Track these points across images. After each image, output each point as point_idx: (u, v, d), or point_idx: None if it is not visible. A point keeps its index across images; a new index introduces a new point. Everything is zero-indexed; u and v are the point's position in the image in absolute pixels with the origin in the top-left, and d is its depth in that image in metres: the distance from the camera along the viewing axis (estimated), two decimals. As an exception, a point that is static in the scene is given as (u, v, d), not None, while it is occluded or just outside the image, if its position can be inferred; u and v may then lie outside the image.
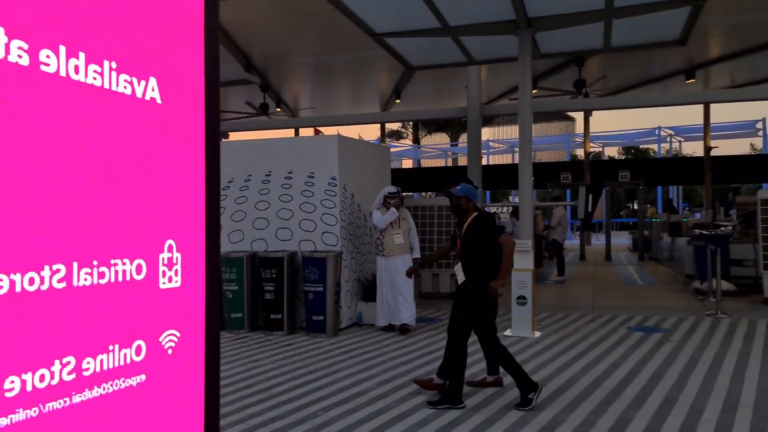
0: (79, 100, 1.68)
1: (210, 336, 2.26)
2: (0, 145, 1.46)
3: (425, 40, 8.56)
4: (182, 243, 2.10)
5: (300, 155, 8.57)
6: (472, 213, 5.16)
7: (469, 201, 5.14)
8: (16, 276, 1.50)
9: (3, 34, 1.46)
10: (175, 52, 2.04)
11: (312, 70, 16.55)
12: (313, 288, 8.01)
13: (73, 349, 1.67)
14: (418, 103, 19.20)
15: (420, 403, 5.10)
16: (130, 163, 1.86)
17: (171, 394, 2.05)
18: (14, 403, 1.49)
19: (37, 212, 1.56)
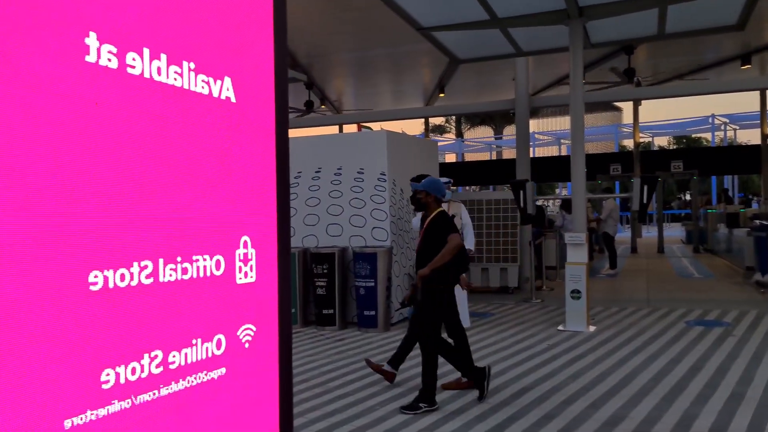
0: (161, 100, 1.72)
1: (283, 330, 2.29)
2: (93, 147, 1.51)
3: (472, 32, 8.49)
4: (256, 239, 2.14)
5: (349, 151, 8.62)
6: (434, 208, 5.01)
7: (428, 195, 4.99)
8: (109, 272, 1.55)
9: (95, 39, 1.50)
10: (247, 51, 2.07)
11: (355, 66, 16.60)
12: (364, 283, 8.06)
13: (160, 343, 1.72)
14: (462, 97, 19.05)
15: (475, 398, 5.07)
16: (210, 162, 1.90)
17: (249, 386, 2.09)
18: (110, 395, 1.55)
19: (126, 211, 1.61)
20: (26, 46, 1.36)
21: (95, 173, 1.52)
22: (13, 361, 1.33)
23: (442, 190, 5.06)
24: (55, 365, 1.41)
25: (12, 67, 1.33)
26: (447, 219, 4.97)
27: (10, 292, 1.33)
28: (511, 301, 10.03)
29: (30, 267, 1.36)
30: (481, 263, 10.85)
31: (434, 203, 5.01)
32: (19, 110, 1.34)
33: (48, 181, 1.41)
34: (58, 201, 1.43)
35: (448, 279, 4.98)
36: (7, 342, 1.31)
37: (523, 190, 8.32)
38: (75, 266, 1.46)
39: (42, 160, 1.39)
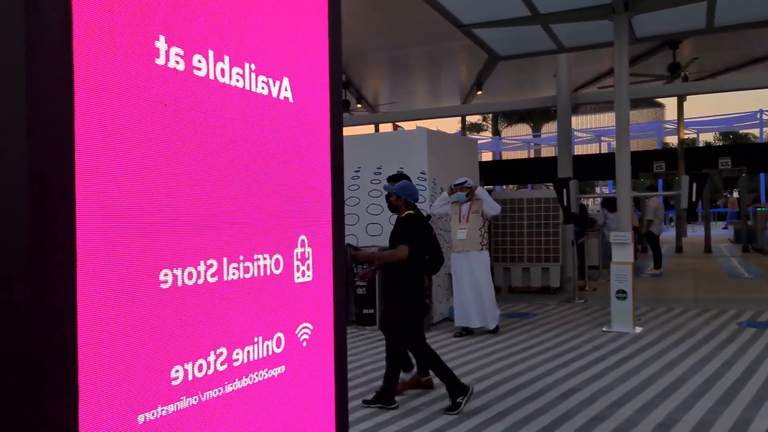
0: (225, 101, 1.75)
1: (338, 329, 2.30)
2: (162, 148, 1.54)
3: (513, 29, 8.40)
4: (312, 238, 2.15)
5: (389, 150, 8.62)
6: (404, 210, 5.08)
7: (399, 198, 5.10)
8: (178, 271, 1.58)
9: (164, 41, 1.53)
10: (304, 51, 2.09)
11: (391, 65, 16.60)
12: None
13: (224, 340, 1.74)
14: (500, 95, 18.89)
15: (522, 399, 5.02)
16: (270, 162, 1.92)
17: (307, 384, 2.11)
18: (179, 391, 1.57)
19: (193, 210, 1.64)
20: (103, 50, 1.39)
21: (164, 174, 1.55)
22: (92, 358, 1.36)
23: (414, 194, 5.17)
24: (129, 362, 1.44)
25: (91, 71, 1.37)
26: (410, 225, 4.98)
27: (89, 292, 1.36)
28: (553, 301, 9.90)
29: (106, 266, 1.39)
30: (522, 263, 10.73)
31: (404, 206, 5.12)
32: (96, 113, 1.38)
33: (121, 182, 1.44)
34: (130, 202, 1.46)
35: (407, 290, 4.96)
36: (86, 340, 1.35)
37: (566, 189, 8.19)
38: (147, 265, 1.49)
39: (114, 162, 1.43)
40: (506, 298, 10.32)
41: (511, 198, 11.00)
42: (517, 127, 39.82)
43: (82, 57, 1.35)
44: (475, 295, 7.53)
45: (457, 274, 7.63)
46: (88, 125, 1.36)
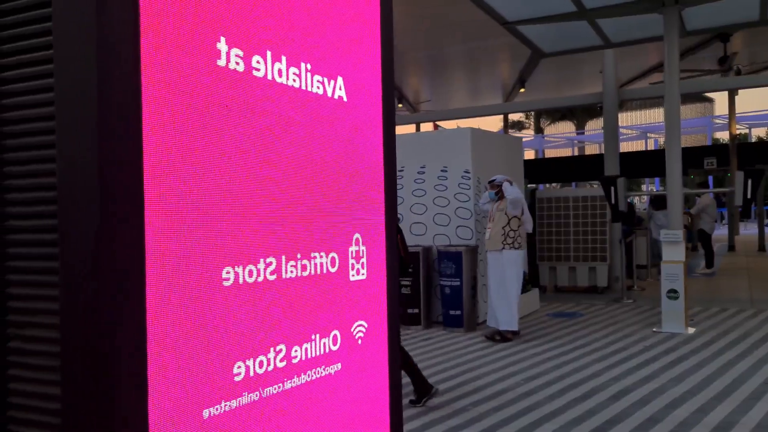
0: (282, 101, 1.77)
1: (392, 327, 2.30)
2: (224, 149, 1.56)
3: (558, 25, 8.27)
4: (366, 236, 2.16)
5: (432, 150, 8.60)
6: None
7: None
8: (239, 269, 1.61)
9: (224, 43, 1.56)
10: (356, 50, 2.10)
11: (431, 64, 16.53)
12: (449, 282, 8.02)
13: (283, 338, 1.76)
14: (543, 92, 18.62)
15: (573, 399, 4.94)
16: (326, 161, 1.93)
17: (362, 382, 2.12)
18: (241, 387, 1.60)
19: (252, 209, 1.66)
20: (168, 53, 1.42)
21: (225, 174, 1.57)
22: (160, 355, 1.40)
23: None
24: (194, 358, 1.47)
25: (157, 74, 1.40)
26: None
27: (156, 290, 1.39)
28: (601, 301, 9.71)
29: (172, 265, 1.42)
30: (568, 262, 10.57)
31: None
32: (162, 115, 1.41)
33: (185, 183, 1.47)
34: (194, 202, 1.49)
35: None
36: (154, 338, 1.38)
37: (614, 187, 8.03)
38: (210, 263, 1.52)
39: (179, 163, 1.46)
40: (552, 297, 10.18)
41: (556, 197, 10.85)
42: (559, 124, 39.19)
43: (148, 59, 1.38)
44: (493, 295, 7.39)
45: (487, 274, 7.59)
46: (154, 128, 1.40)
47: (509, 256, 7.25)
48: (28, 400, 1.49)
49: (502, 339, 7.16)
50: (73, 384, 1.38)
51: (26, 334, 1.49)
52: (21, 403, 1.50)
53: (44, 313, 1.45)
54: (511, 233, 7.25)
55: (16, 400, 1.51)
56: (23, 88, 1.47)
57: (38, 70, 1.44)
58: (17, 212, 1.50)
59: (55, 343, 1.43)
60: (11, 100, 1.49)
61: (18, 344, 1.51)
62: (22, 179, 1.49)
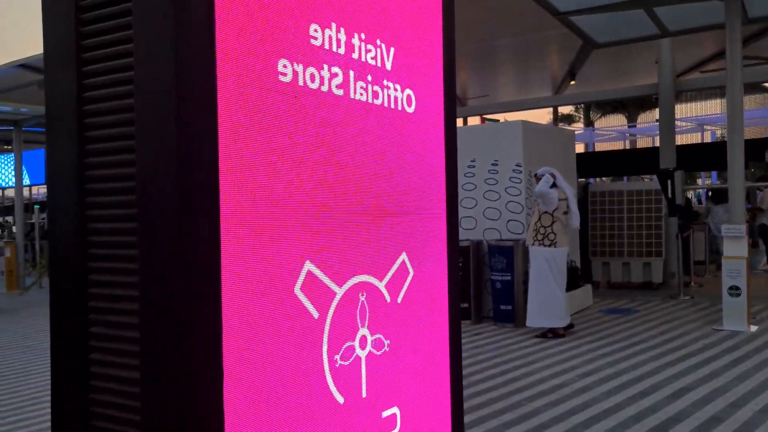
0: (354, 114, 1.81)
1: (453, 322, 2.30)
2: (295, 156, 1.59)
3: (612, 14, 8.07)
4: (429, 235, 2.16)
5: (483, 143, 8.52)
6: None
7: None
8: (310, 266, 1.63)
9: (288, 63, 1.58)
10: (423, 64, 2.11)
11: (479, 57, 16.34)
12: (500, 277, 7.94)
13: (353, 336, 1.79)
14: (594, 84, 18.19)
15: (630, 396, 4.84)
16: (391, 167, 1.96)
17: (426, 373, 2.12)
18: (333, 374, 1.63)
19: (324, 211, 1.68)
20: (248, 65, 1.46)
21: (296, 177, 1.61)
22: (234, 345, 1.43)
23: None
24: (274, 364, 1.50)
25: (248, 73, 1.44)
26: None
27: (232, 288, 1.43)
28: (657, 297, 9.47)
29: (246, 265, 1.46)
30: (621, 257, 10.34)
31: None
32: (237, 121, 1.45)
33: (257, 184, 1.51)
34: (264, 202, 1.53)
35: None
36: (229, 336, 1.42)
37: (671, 180, 7.81)
38: (282, 262, 1.55)
39: (252, 167, 1.49)
40: (605, 293, 9.98)
41: (609, 191, 10.63)
42: (610, 117, 38.26)
43: (224, 63, 1.42)
44: (530, 291, 7.21)
45: None
46: (229, 133, 1.44)
47: (536, 252, 7.08)
48: (108, 383, 1.54)
49: (554, 335, 7.05)
50: (152, 371, 1.43)
51: (108, 320, 1.55)
52: (102, 386, 1.56)
53: (125, 300, 1.50)
54: (541, 229, 7.05)
55: (97, 383, 1.57)
56: (106, 94, 1.53)
57: (120, 76, 1.49)
58: (99, 202, 1.55)
59: (134, 329, 1.48)
60: (94, 106, 1.55)
61: (100, 329, 1.57)
62: (106, 169, 1.54)
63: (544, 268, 7.02)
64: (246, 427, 1.47)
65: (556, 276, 7.01)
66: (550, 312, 7.01)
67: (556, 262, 7.03)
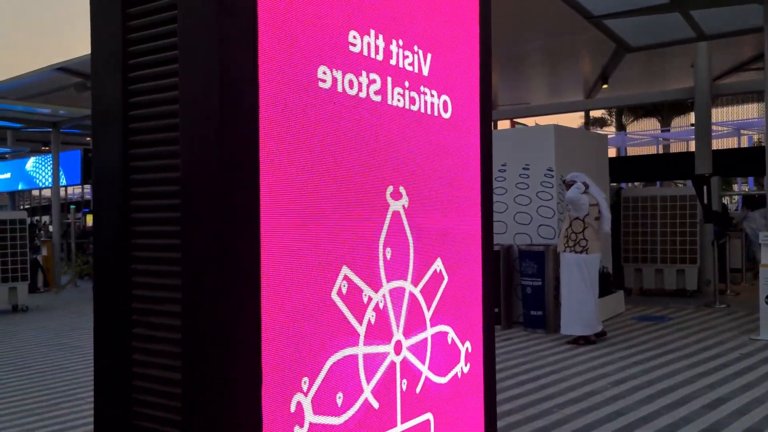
0: (391, 119, 1.81)
1: (487, 328, 2.29)
2: (334, 160, 1.61)
3: (647, 17, 7.96)
4: (463, 240, 2.16)
5: (514, 147, 8.46)
6: None
7: None
8: (347, 271, 1.65)
9: (328, 70, 1.59)
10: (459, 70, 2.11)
11: (510, 61, 16.24)
12: (530, 282, 7.88)
13: (389, 337, 1.79)
14: (627, 87, 17.94)
15: (664, 406, 4.76)
16: (426, 172, 1.97)
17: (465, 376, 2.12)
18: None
19: (362, 214, 1.70)
20: (279, 78, 1.48)
21: (334, 183, 1.62)
22: (273, 344, 1.45)
23: None
24: (301, 351, 1.51)
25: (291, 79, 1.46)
26: None
27: (271, 288, 1.45)
28: (691, 305, 9.29)
29: (285, 270, 1.48)
30: (654, 264, 10.17)
31: None
32: (276, 125, 1.47)
33: (295, 189, 1.53)
34: (306, 205, 1.54)
35: None
36: (269, 328, 1.43)
37: (707, 186, 7.66)
38: (326, 264, 1.57)
39: (291, 173, 1.51)
40: (638, 300, 9.83)
41: (643, 196, 10.46)
42: (643, 121, 37.68)
43: (266, 72, 1.44)
44: (562, 298, 7.11)
45: None
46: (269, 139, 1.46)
47: (568, 259, 6.99)
48: (150, 383, 1.57)
49: (586, 342, 6.97)
50: (193, 372, 1.45)
51: (151, 321, 1.58)
52: (143, 386, 1.59)
53: (168, 302, 1.53)
54: (572, 236, 6.95)
55: (140, 383, 1.60)
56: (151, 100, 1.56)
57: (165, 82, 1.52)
58: (143, 205, 1.59)
59: (176, 331, 1.51)
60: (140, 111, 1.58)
61: (142, 330, 1.60)
62: (150, 173, 1.57)
63: (575, 275, 6.93)
64: (282, 425, 1.49)
65: (587, 283, 6.92)
66: (582, 319, 6.92)
67: (588, 269, 6.94)
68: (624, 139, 32.30)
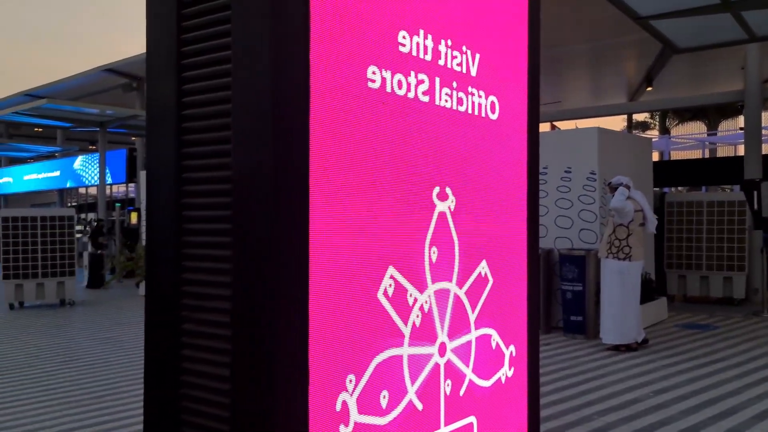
0: (440, 120, 1.81)
1: (531, 331, 2.26)
2: (382, 162, 1.61)
3: (696, 18, 7.76)
4: (510, 241, 2.14)
5: (555, 150, 8.35)
6: None
7: None
8: (394, 271, 1.65)
9: (377, 70, 1.59)
10: (508, 71, 2.10)
11: (552, 63, 16.04)
12: (570, 287, 7.76)
13: (434, 338, 1.79)
14: (672, 90, 17.54)
15: (710, 417, 4.63)
16: (475, 172, 1.95)
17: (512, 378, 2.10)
18: (395, 380, 1.63)
19: (410, 215, 1.70)
20: (330, 81, 1.49)
21: (383, 181, 1.62)
22: (319, 348, 1.46)
23: None
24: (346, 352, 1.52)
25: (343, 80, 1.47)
26: None
27: (321, 289, 1.46)
28: (738, 313, 9.02)
29: (333, 268, 1.49)
30: (699, 271, 9.91)
31: None
32: (326, 126, 1.48)
33: (344, 189, 1.53)
34: (358, 205, 1.55)
35: None
36: (316, 330, 1.44)
37: (757, 191, 7.43)
38: (372, 264, 1.57)
39: (341, 174, 1.52)
40: (681, 307, 9.59)
41: (688, 200, 10.21)
42: (688, 125, 36.76)
43: (318, 70, 1.45)
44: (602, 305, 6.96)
45: None
46: (318, 143, 1.47)
47: (610, 265, 6.85)
48: (199, 379, 1.60)
49: (627, 349, 6.82)
50: (242, 368, 1.47)
51: (200, 318, 1.60)
52: (192, 382, 1.61)
53: (217, 299, 1.55)
54: (616, 242, 6.80)
55: (188, 378, 1.62)
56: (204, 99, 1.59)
57: (218, 82, 1.55)
58: (195, 203, 1.61)
59: (225, 327, 1.53)
60: (193, 110, 1.61)
61: (191, 326, 1.63)
62: (202, 172, 1.60)
63: (616, 282, 6.80)
64: (328, 424, 1.49)
65: (629, 291, 6.78)
66: (623, 327, 6.78)
67: (630, 276, 6.79)
68: (668, 142, 31.55)
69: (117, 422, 4.68)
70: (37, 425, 4.64)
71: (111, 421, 4.70)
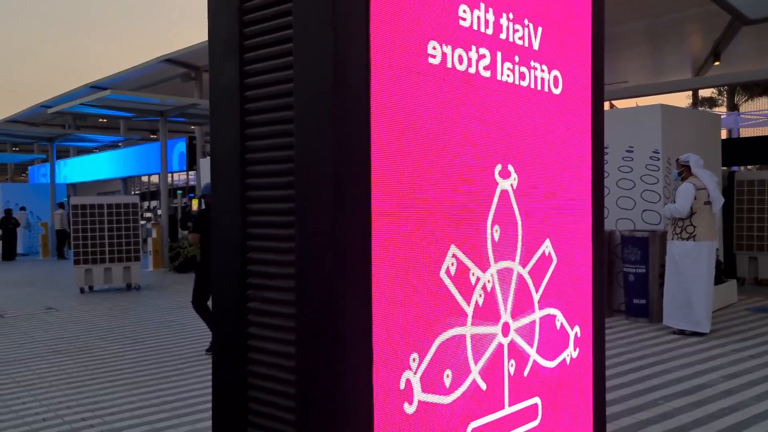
0: (504, 98, 1.76)
1: (596, 313, 2.21)
2: (444, 151, 1.58)
3: (768, -14, 7.37)
4: (574, 220, 2.09)
5: (617, 129, 8.08)
6: None
7: (207, 197, 6.24)
8: (453, 260, 1.63)
9: (438, 45, 1.56)
10: (571, 44, 2.03)
11: (612, 41, 15.53)
12: (633, 269, 7.55)
13: (497, 318, 1.76)
14: (741, 64, 16.75)
15: None
16: (540, 152, 1.90)
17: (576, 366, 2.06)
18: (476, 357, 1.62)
19: (473, 206, 1.67)
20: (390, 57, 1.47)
21: (445, 175, 1.60)
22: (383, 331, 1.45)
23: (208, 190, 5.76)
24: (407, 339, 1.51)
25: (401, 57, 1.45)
26: (202, 217, 6.21)
27: (383, 269, 1.45)
28: (814, 297, 8.61)
29: (394, 256, 1.47)
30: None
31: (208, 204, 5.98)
32: (387, 121, 1.46)
33: (405, 177, 1.52)
34: (420, 184, 1.53)
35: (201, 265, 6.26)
36: (379, 312, 1.44)
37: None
38: (434, 243, 1.56)
39: (401, 161, 1.50)
40: (752, 290, 9.22)
41: (759, 179, 9.75)
42: (759, 100, 35.05)
43: (377, 65, 1.43)
44: (665, 287, 6.71)
45: None
46: (379, 123, 1.46)
47: (672, 246, 6.61)
48: (265, 356, 1.62)
49: (693, 332, 6.59)
50: (307, 346, 1.48)
51: (266, 296, 1.63)
52: (259, 359, 1.64)
53: (282, 277, 1.57)
54: (679, 222, 6.53)
55: (255, 356, 1.65)
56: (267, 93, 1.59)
57: (281, 75, 1.55)
58: (258, 183, 1.63)
59: (291, 305, 1.54)
60: (255, 104, 1.62)
61: (257, 305, 1.65)
62: (265, 152, 1.61)
63: (679, 264, 6.56)
64: (392, 401, 1.49)
65: (697, 272, 6.49)
66: (685, 312, 6.55)
67: (696, 257, 6.50)
68: (737, 119, 30.16)
69: (182, 401, 4.84)
70: (108, 403, 4.85)
71: (176, 401, 4.87)
